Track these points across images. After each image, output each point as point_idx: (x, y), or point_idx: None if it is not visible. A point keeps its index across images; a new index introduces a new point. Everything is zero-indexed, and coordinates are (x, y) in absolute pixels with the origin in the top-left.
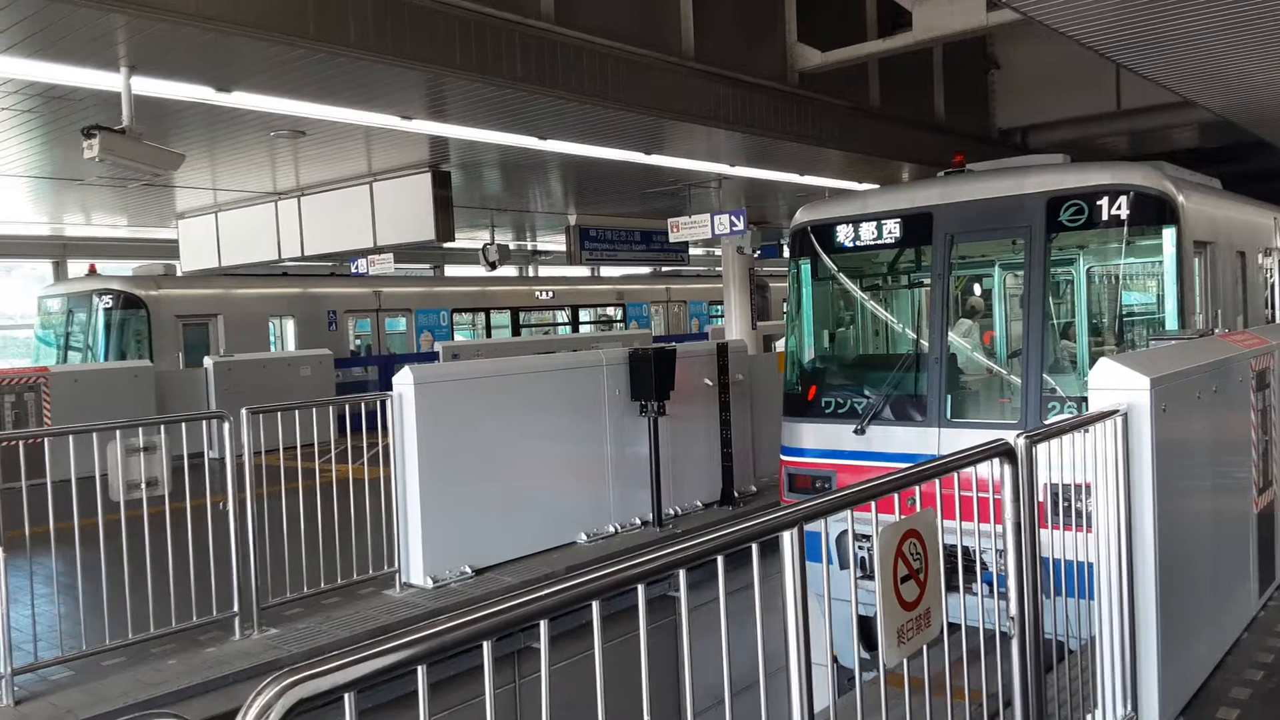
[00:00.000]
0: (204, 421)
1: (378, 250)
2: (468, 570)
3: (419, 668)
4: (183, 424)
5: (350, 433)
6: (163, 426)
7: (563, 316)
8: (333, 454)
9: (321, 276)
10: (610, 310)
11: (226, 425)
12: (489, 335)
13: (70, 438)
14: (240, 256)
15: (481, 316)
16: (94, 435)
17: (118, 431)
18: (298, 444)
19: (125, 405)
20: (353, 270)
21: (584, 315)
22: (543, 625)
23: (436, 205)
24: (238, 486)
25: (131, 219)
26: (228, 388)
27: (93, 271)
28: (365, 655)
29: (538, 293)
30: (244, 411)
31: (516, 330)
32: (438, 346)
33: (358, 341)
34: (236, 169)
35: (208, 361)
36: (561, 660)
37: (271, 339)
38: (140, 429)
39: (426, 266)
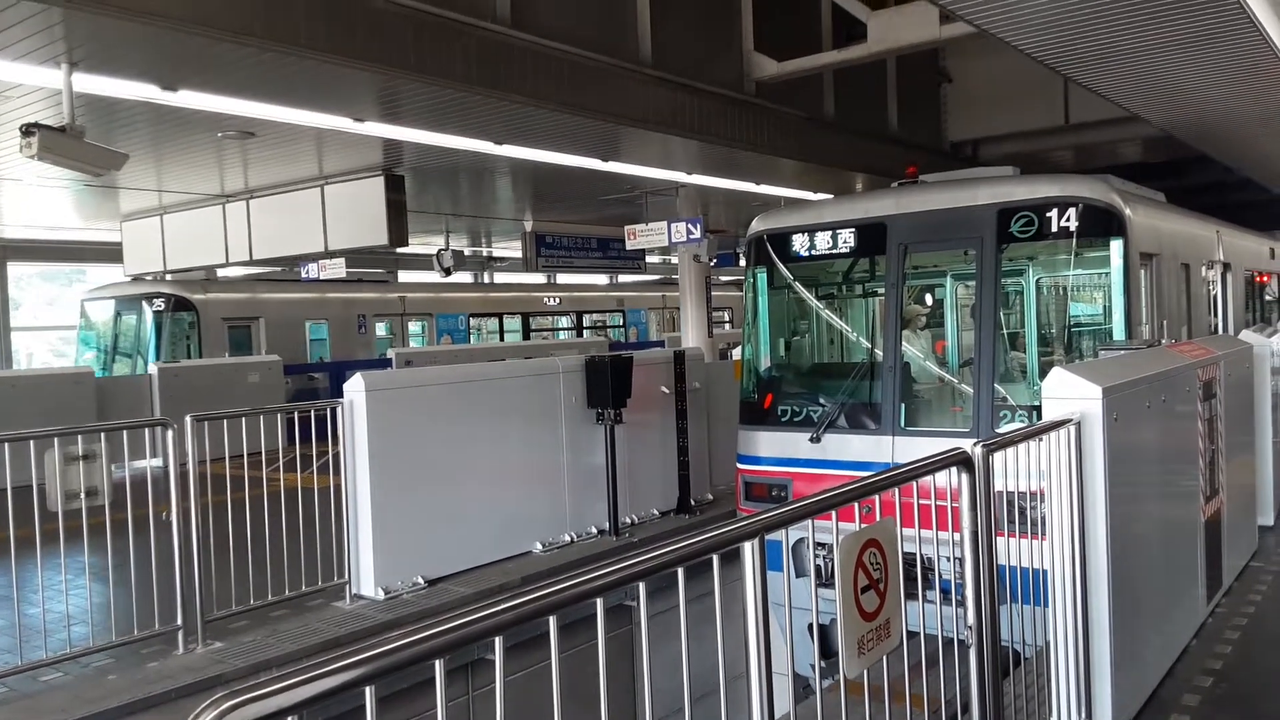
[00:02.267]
0: (146, 429)
1: (329, 255)
2: (420, 581)
3: (367, 688)
4: (124, 432)
5: (300, 441)
6: (103, 434)
7: (567, 321)
8: (280, 462)
9: (351, 283)
10: (610, 316)
11: (170, 433)
12: (501, 339)
13: (5, 445)
14: (185, 260)
15: (495, 321)
16: (31, 443)
17: (55, 439)
18: (244, 452)
19: (65, 412)
20: (302, 275)
21: (586, 320)
22: (497, 642)
23: (389, 209)
24: (181, 496)
25: (75, 220)
26: (172, 394)
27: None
28: (311, 676)
29: (546, 299)
30: (188, 418)
31: (527, 334)
32: (390, 353)
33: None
34: (183, 170)
35: (152, 368)
36: (517, 671)
37: (308, 341)
38: (79, 436)
39: (381, 271)
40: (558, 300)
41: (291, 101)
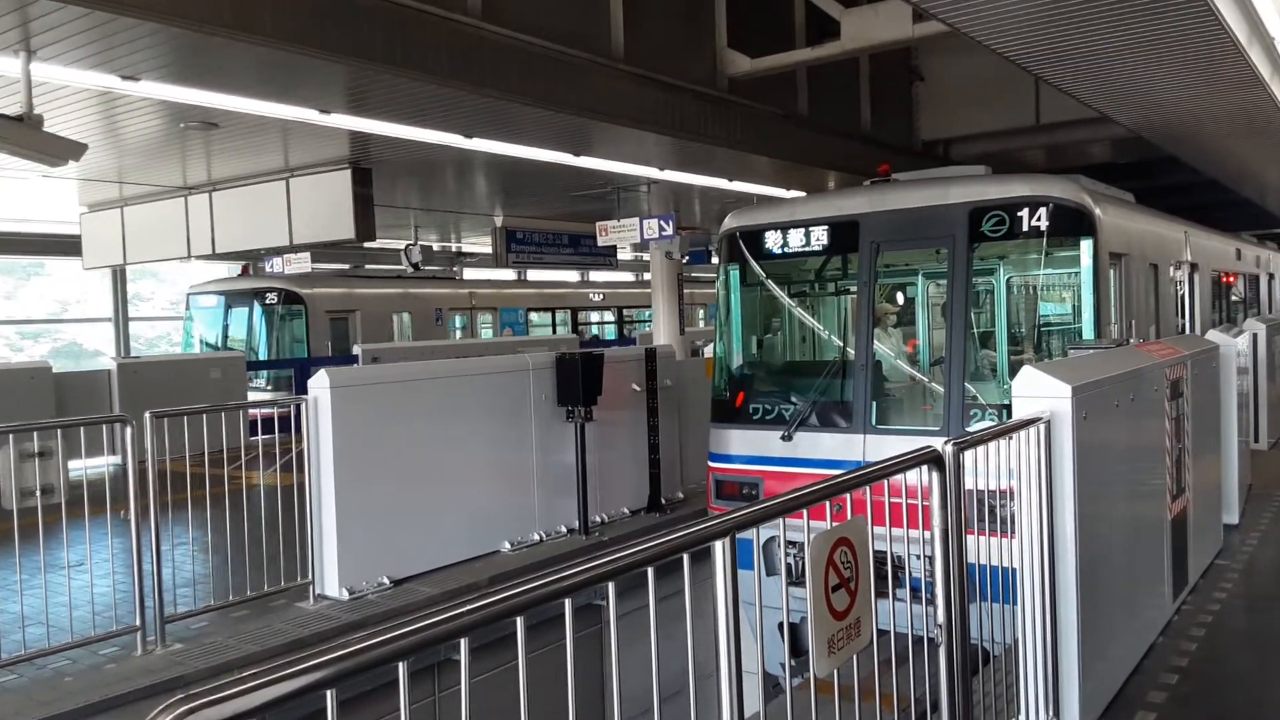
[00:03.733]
0: (104, 426)
1: (293, 249)
2: (386, 581)
3: (328, 691)
4: (81, 428)
5: (263, 438)
6: (60, 431)
7: (610, 316)
8: (243, 460)
9: (429, 279)
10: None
11: (129, 429)
12: (554, 331)
13: None
14: (147, 253)
15: (549, 315)
16: None
17: (10, 435)
18: (205, 449)
19: (21, 408)
20: (267, 269)
21: (627, 315)
22: (463, 644)
23: (356, 203)
24: (140, 494)
25: (32, 212)
26: (132, 391)
27: (245, 272)
28: (270, 679)
29: (591, 295)
30: (147, 415)
31: (575, 326)
32: (357, 349)
33: (457, 333)
34: (144, 161)
35: (110, 363)
36: (485, 671)
37: (395, 332)
38: (35, 433)
39: (347, 266)
40: (601, 296)
41: (257, 93)
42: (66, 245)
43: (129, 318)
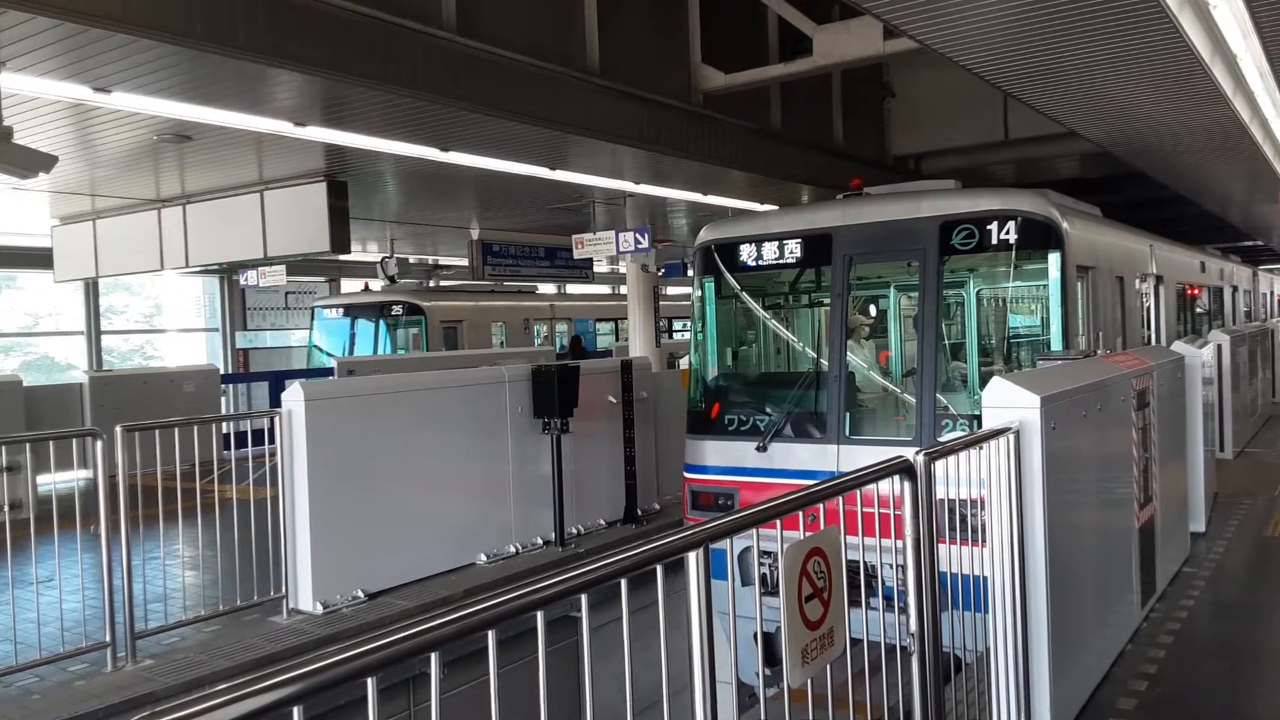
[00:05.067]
0: (75, 440)
1: (268, 262)
2: (360, 595)
3: (295, 708)
4: (50, 442)
5: (236, 451)
6: (29, 445)
7: (663, 325)
8: (215, 474)
9: (517, 292)
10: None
11: (100, 443)
12: (617, 339)
13: None
14: (120, 266)
15: (612, 325)
16: None
17: None
18: (177, 464)
19: None
20: (241, 283)
21: (676, 325)
22: (433, 658)
23: (331, 216)
24: (111, 509)
25: (2, 224)
26: (104, 404)
27: (367, 288)
28: (238, 695)
29: None
30: (118, 429)
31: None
32: (332, 362)
33: (540, 341)
34: (117, 174)
35: (83, 377)
36: (460, 685)
37: (494, 340)
38: (3, 447)
39: (321, 279)
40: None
41: (230, 105)
42: (38, 258)
43: (102, 331)
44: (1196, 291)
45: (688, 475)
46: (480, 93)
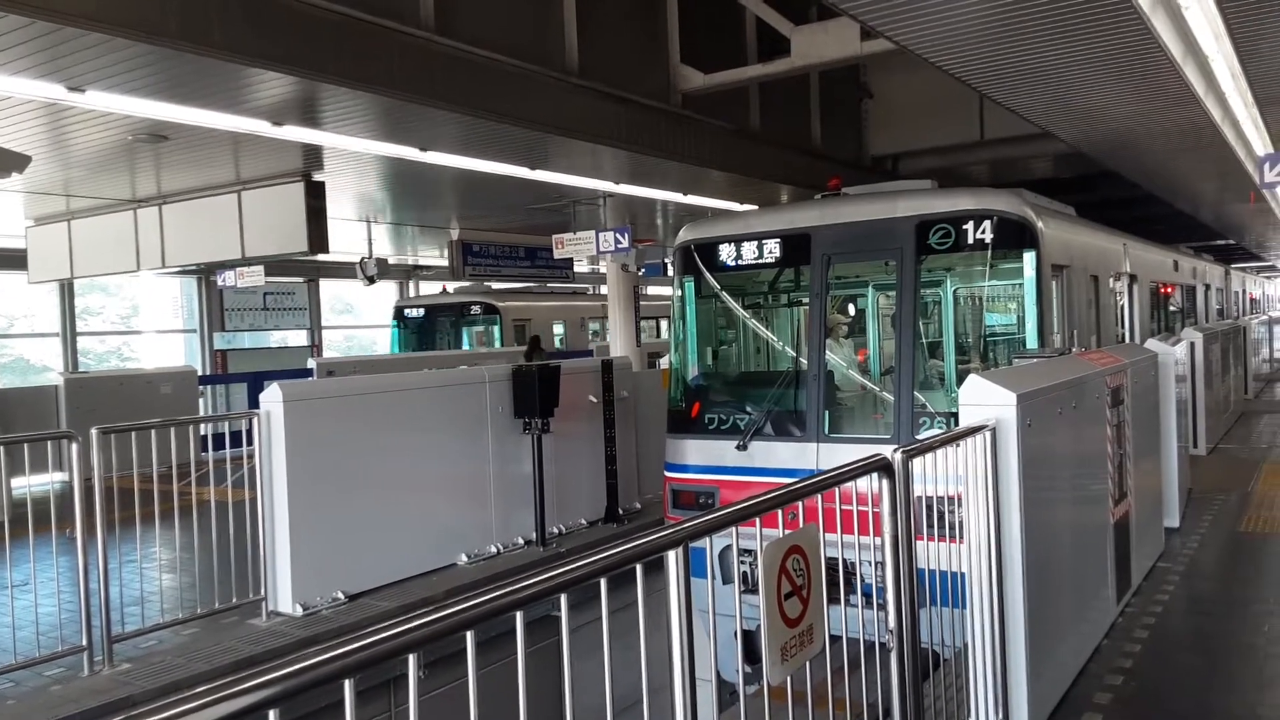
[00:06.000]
0: (49, 442)
1: (246, 262)
2: (340, 596)
3: (271, 711)
4: (25, 445)
5: (215, 453)
6: (3, 447)
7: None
8: (193, 476)
9: (575, 294)
10: None
11: (75, 446)
12: (657, 336)
13: None
14: (95, 267)
15: (653, 322)
16: None
17: None
18: (154, 466)
19: None
20: (219, 284)
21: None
22: (411, 660)
23: (309, 216)
24: (86, 511)
25: None
26: (79, 406)
27: (445, 291)
28: (213, 699)
29: None
30: (94, 431)
31: (658, 332)
32: (311, 363)
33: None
34: (92, 174)
35: (58, 378)
36: (441, 686)
37: (556, 337)
38: None
39: (301, 280)
40: None
41: (207, 104)
42: (12, 259)
43: (78, 332)
44: (1170, 290)
45: (668, 474)
46: (458, 92)
